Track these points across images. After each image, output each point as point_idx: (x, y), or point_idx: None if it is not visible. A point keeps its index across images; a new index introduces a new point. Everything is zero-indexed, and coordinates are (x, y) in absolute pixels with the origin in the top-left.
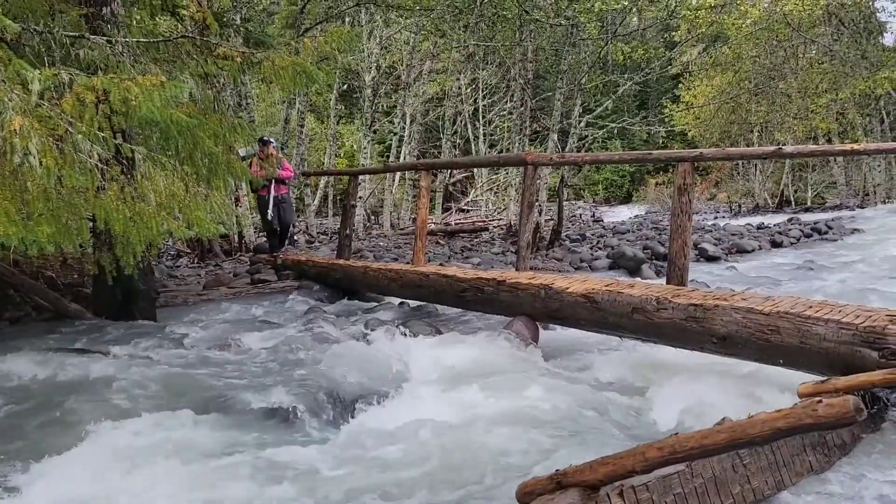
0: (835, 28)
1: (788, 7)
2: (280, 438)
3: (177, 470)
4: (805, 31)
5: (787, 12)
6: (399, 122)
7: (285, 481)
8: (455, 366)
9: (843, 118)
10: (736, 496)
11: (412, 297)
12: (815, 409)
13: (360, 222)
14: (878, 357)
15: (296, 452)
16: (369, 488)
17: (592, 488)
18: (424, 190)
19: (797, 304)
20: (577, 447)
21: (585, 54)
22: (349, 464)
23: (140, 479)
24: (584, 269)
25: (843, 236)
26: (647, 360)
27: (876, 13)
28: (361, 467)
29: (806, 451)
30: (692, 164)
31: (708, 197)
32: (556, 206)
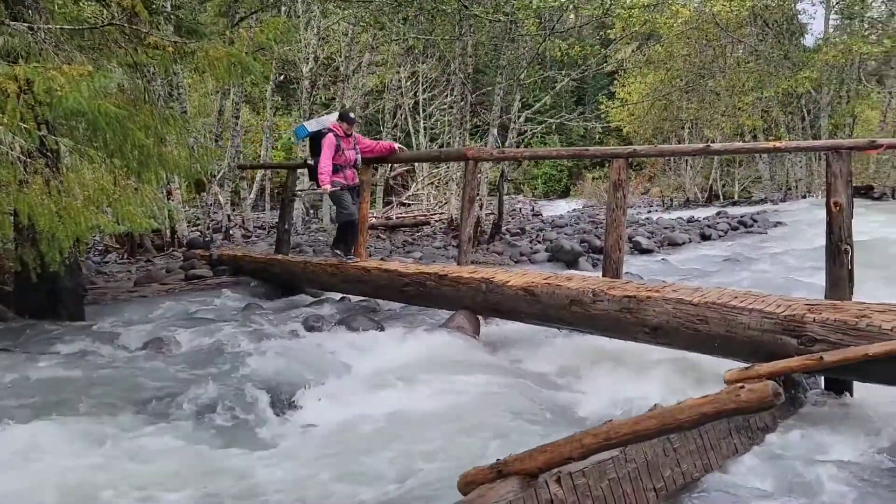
0: (760, 29)
1: (717, 7)
2: (215, 438)
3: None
4: (732, 31)
5: (715, 13)
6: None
7: (221, 482)
8: (397, 360)
9: (768, 116)
10: (667, 479)
11: (353, 293)
12: (738, 395)
13: (299, 216)
14: (798, 344)
15: (232, 452)
16: (309, 485)
17: (532, 476)
18: (365, 184)
19: (724, 294)
20: (517, 437)
21: (524, 50)
22: (288, 461)
23: (64, 485)
24: (523, 262)
25: (767, 229)
26: (584, 351)
27: (797, 15)
28: (301, 465)
29: (731, 434)
30: (626, 161)
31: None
32: (496, 201)
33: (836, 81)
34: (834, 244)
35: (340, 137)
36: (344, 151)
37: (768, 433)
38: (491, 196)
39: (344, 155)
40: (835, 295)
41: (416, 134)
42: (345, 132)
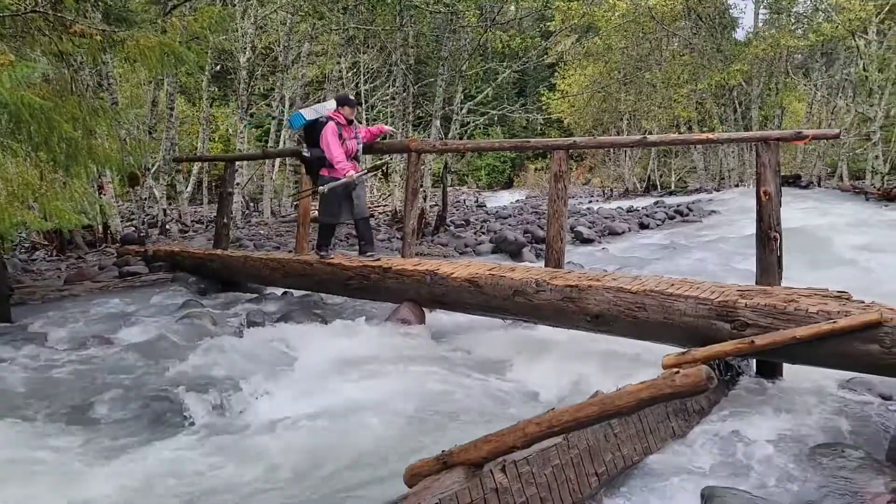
0: (694, 22)
1: (653, 1)
2: (153, 440)
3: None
4: (668, 24)
5: (651, 6)
6: (277, 106)
7: (159, 485)
8: (341, 354)
9: (702, 107)
10: (608, 464)
11: (296, 287)
12: (674, 380)
13: (238, 210)
14: (731, 329)
15: (170, 454)
16: (253, 484)
17: (477, 466)
18: (305, 176)
19: (661, 282)
20: (463, 427)
21: (465, 41)
22: (231, 461)
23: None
24: (468, 253)
25: (702, 217)
26: (527, 340)
27: (729, 9)
28: (244, 464)
29: (669, 417)
30: (566, 152)
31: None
32: (440, 192)
33: (766, 74)
34: (764, 231)
35: (342, 126)
36: (346, 141)
37: (704, 416)
38: (435, 188)
39: (345, 145)
40: (765, 280)
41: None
42: (346, 119)
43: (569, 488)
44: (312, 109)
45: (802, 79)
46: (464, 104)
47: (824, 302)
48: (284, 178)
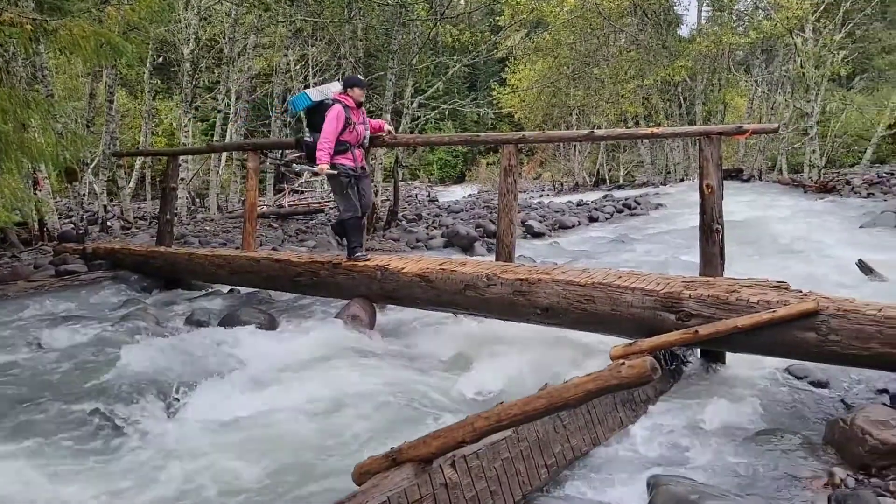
0: (640, 19)
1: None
2: (93, 444)
3: None
4: (614, 20)
5: (598, 2)
6: (223, 99)
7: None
8: (289, 352)
9: (649, 103)
10: (557, 455)
11: (243, 284)
12: (619, 371)
13: (183, 206)
14: (676, 319)
15: (106, 461)
16: (195, 490)
17: (426, 462)
18: (252, 171)
19: (609, 275)
20: (414, 423)
21: (415, 35)
22: (172, 465)
23: None
24: (420, 248)
25: (649, 211)
26: (479, 334)
27: (674, 6)
28: (186, 468)
29: (617, 408)
30: (516, 147)
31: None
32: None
33: (709, 70)
34: (707, 224)
35: (350, 109)
36: (355, 126)
37: (651, 405)
38: (386, 182)
39: (354, 130)
40: (708, 272)
41: None
42: (356, 102)
43: (519, 481)
44: (318, 90)
45: (744, 75)
46: (414, 98)
47: (764, 292)
48: (231, 173)
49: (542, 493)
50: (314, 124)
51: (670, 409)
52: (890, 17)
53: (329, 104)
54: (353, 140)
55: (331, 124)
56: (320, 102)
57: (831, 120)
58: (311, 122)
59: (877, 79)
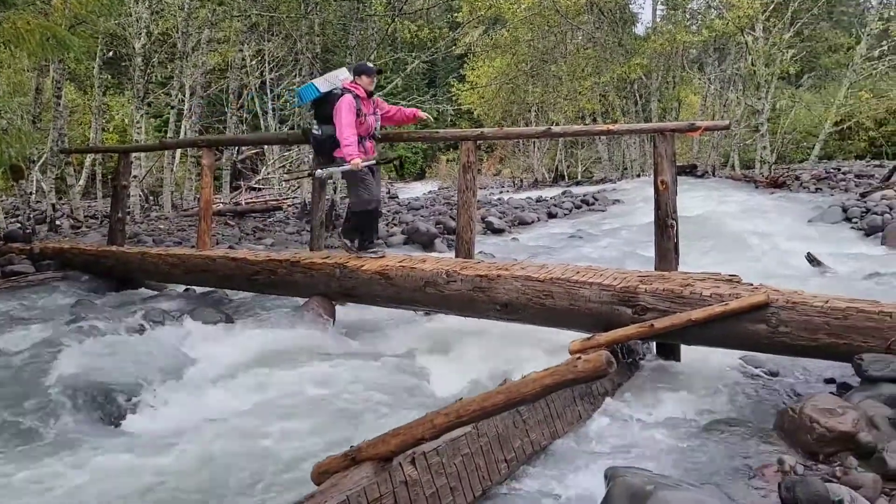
0: (596, 17)
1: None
2: (41, 452)
3: None
4: (571, 18)
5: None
6: (177, 95)
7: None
8: (247, 352)
9: (606, 100)
10: (517, 450)
11: (198, 284)
12: (576, 366)
13: (136, 204)
14: (632, 314)
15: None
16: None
17: (386, 460)
18: (207, 168)
19: (567, 270)
20: (374, 422)
21: (373, 31)
22: (125, 472)
23: None
24: (379, 245)
25: (606, 206)
26: (438, 331)
27: (629, 4)
28: (140, 474)
29: (576, 401)
30: (474, 143)
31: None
32: None
33: (664, 68)
34: (661, 219)
35: (360, 99)
36: (365, 117)
37: (609, 398)
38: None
39: (365, 122)
40: (663, 266)
41: (265, 115)
42: (366, 91)
43: (478, 476)
44: (325, 80)
45: (697, 73)
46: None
47: (717, 285)
48: (186, 171)
49: (502, 488)
50: (322, 116)
51: (628, 401)
52: (836, 17)
53: (338, 94)
54: (363, 131)
55: (346, 116)
56: (329, 93)
57: (781, 117)
58: (319, 113)
59: (824, 77)
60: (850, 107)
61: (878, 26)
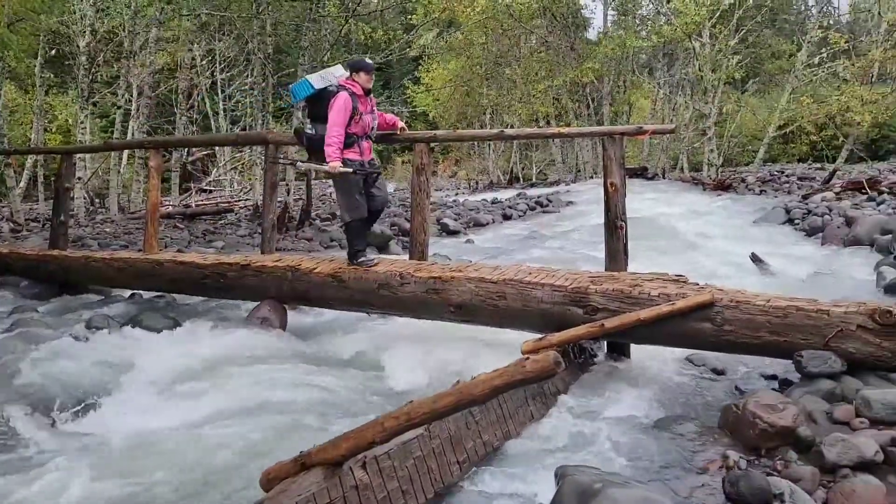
0: (549, 21)
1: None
2: None
3: None
4: (525, 22)
5: (508, 4)
6: (124, 95)
7: None
8: (195, 358)
9: (559, 103)
10: (469, 451)
11: (145, 288)
12: (524, 366)
13: (80, 207)
14: (583, 314)
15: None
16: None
17: (336, 465)
18: (154, 170)
19: (520, 271)
20: (325, 427)
21: (326, 32)
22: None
23: None
24: (334, 248)
25: (560, 208)
26: (392, 333)
27: (581, 10)
28: (83, 485)
29: (528, 401)
30: (427, 145)
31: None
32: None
33: (615, 72)
34: (611, 221)
35: (357, 97)
36: (362, 116)
37: (561, 397)
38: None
39: (361, 120)
40: (613, 267)
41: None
42: (364, 89)
43: (431, 479)
44: (320, 76)
45: (647, 77)
46: None
47: (664, 285)
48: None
49: (454, 490)
50: (316, 114)
51: (579, 400)
52: (779, 24)
53: (333, 91)
54: (359, 131)
55: (339, 114)
56: (323, 90)
57: (727, 121)
58: (313, 111)
59: (767, 82)
60: (792, 111)
61: (818, 34)
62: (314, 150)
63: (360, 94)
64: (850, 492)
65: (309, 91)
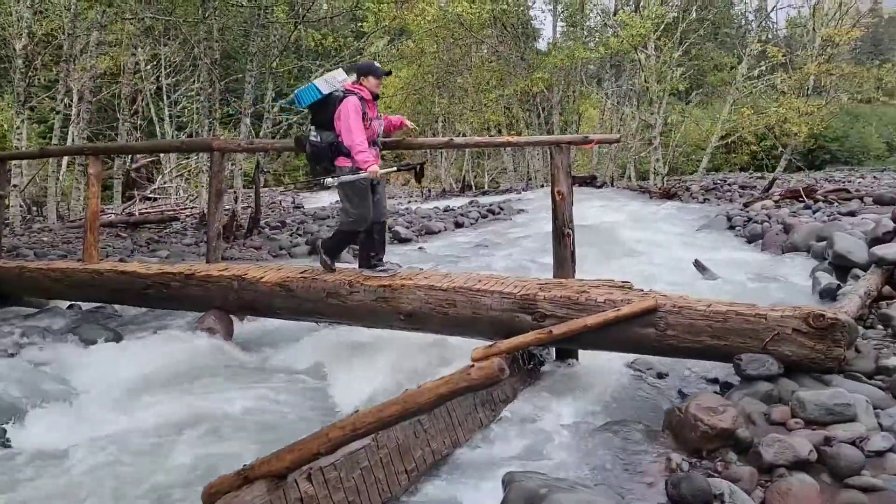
0: (500, 31)
1: (459, 9)
2: None
3: None
4: (476, 31)
5: (459, 13)
6: (63, 100)
7: None
8: (136, 371)
9: (510, 112)
10: (418, 460)
11: (84, 299)
12: (469, 374)
13: (16, 215)
14: (532, 320)
15: None
16: None
17: (280, 477)
18: (94, 177)
19: (470, 279)
20: (271, 439)
21: (275, 38)
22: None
23: None
24: (283, 256)
25: (511, 216)
26: (342, 342)
27: (531, 20)
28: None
29: (477, 409)
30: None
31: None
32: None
33: (564, 83)
34: (559, 228)
35: (366, 101)
36: (371, 122)
37: (509, 404)
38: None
39: (371, 126)
40: (561, 274)
41: (161, 122)
42: (372, 94)
43: (378, 489)
44: (324, 81)
45: (596, 88)
46: (276, 102)
47: (610, 292)
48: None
49: (403, 500)
50: (320, 121)
51: (528, 407)
52: (720, 38)
53: (339, 96)
54: (368, 137)
55: (353, 118)
56: (328, 95)
57: (672, 131)
58: (318, 118)
59: (710, 94)
60: (733, 122)
61: (757, 48)
62: (319, 159)
63: (368, 99)
64: (786, 491)
65: (316, 96)
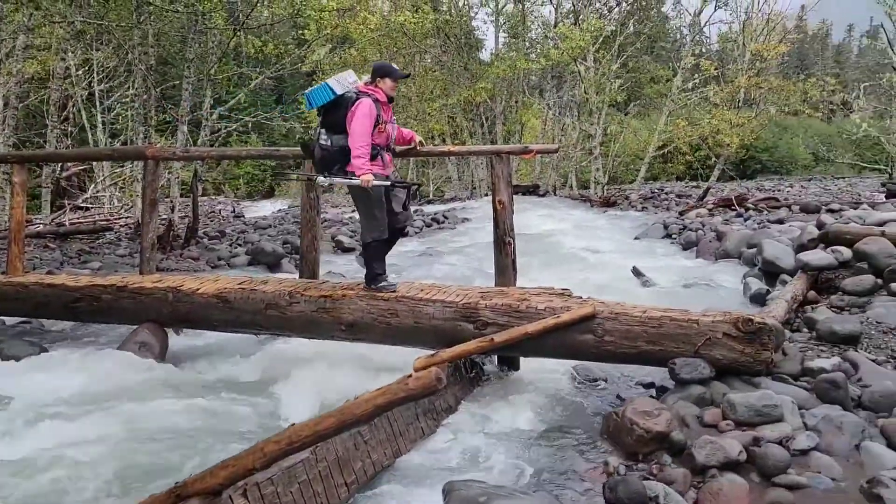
0: (443, 41)
1: (402, 18)
2: None
3: None
4: (419, 41)
5: (401, 22)
6: None
7: None
8: (62, 388)
9: (454, 121)
10: (358, 472)
11: (7, 314)
12: (407, 384)
13: None
14: (474, 329)
15: None
16: None
17: (214, 494)
18: (19, 186)
19: (412, 288)
20: (207, 456)
21: (213, 44)
22: None
23: None
24: (222, 267)
25: (456, 224)
26: (281, 355)
27: (474, 31)
28: None
29: (419, 418)
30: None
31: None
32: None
33: (507, 93)
34: (500, 237)
35: (381, 104)
36: (385, 125)
37: (452, 413)
38: (185, 197)
39: (385, 130)
40: (502, 282)
41: (94, 129)
42: (388, 96)
43: (317, 503)
44: (336, 81)
45: (538, 98)
46: (214, 109)
47: (550, 299)
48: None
49: None
50: (331, 123)
51: (470, 415)
52: (657, 51)
53: (352, 98)
54: (382, 142)
55: (364, 122)
56: (341, 96)
57: (612, 141)
58: (329, 120)
59: (647, 105)
60: (669, 133)
61: (691, 61)
62: (328, 164)
63: (383, 102)
64: (717, 491)
65: (329, 97)
